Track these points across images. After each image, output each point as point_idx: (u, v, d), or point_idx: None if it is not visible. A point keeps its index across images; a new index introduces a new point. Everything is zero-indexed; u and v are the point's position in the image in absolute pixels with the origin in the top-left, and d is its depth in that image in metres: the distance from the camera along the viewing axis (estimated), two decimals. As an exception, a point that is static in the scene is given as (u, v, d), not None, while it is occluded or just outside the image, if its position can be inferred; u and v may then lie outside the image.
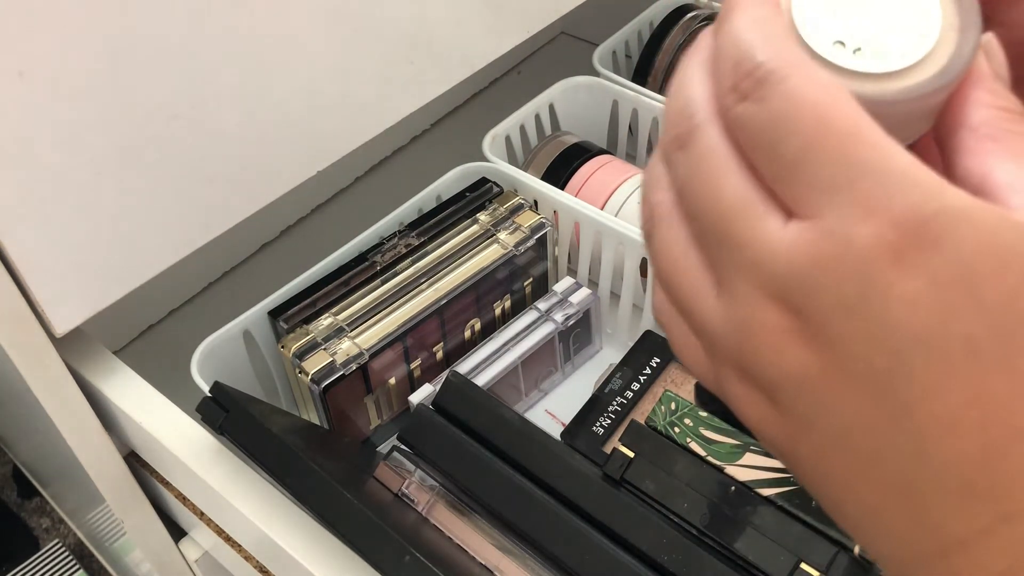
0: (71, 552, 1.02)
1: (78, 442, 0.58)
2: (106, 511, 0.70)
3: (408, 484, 0.50)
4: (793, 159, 0.18)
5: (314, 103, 0.59)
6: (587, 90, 0.82)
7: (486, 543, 0.48)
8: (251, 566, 0.58)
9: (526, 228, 0.68)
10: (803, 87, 0.18)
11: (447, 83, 0.68)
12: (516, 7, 0.70)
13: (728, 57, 0.20)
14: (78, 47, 0.47)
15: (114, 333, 0.78)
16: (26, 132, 0.47)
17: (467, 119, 0.99)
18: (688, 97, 0.21)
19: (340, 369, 0.60)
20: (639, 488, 0.48)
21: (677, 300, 0.22)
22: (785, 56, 0.19)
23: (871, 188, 0.17)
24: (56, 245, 0.50)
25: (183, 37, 0.51)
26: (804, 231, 0.18)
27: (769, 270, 0.19)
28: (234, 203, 0.58)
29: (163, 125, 0.52)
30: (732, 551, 0.45)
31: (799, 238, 0.18)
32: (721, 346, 0.21)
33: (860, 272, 0.17)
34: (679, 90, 0.21)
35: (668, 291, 0.22)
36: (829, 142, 0.18)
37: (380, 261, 0.66)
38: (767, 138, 0.19)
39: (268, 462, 0.48)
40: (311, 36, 0.57)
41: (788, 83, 0.18)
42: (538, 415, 0.70)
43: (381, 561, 0.44)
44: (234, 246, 0.86)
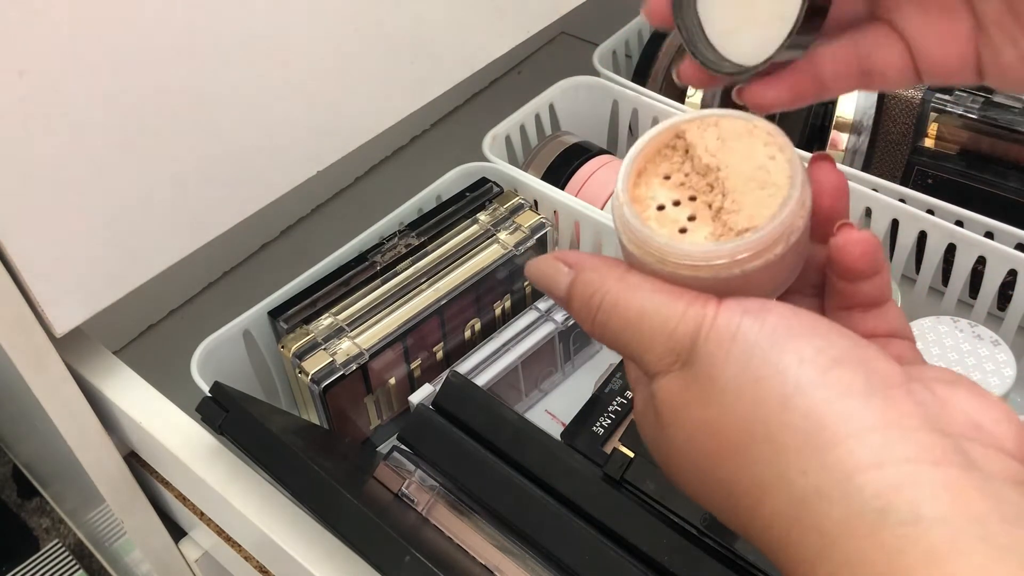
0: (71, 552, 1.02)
1: (78, 442, 0.58)
2: (106, 511, 0.70)
3: (408, 484, 0.50)
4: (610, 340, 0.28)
5: (314, 103, 0.59)
6: (587, 90, 0.82)
7: (486, 543, 0.48)
8: (251, 566, 0.58)
9: (526, 228, 0.68)
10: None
11: (447, 83, 0.68)
12: (516, 7, 0.70)
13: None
14: (78, 47, 0.47)
15: (114, 333, 0.78)
16: (26, 132, 0.46)
17: (467, 119, 0.99)
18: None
19: (340, 369, 0.60)
20: (639, 488, 0.48)
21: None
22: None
23: (645, 354, 0.27)
24: (56, 245, 0.50)
25: (183, 37, 0.51)
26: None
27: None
28: (234, 203, 0.58)
29: (163, 125, 0.52)
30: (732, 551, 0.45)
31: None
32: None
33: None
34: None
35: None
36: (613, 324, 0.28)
37: (380, 261, 0.66)
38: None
39: (268, 462, 0.48)
40: (311, 36, 0.57)
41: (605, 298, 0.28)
42: (538, 415, 0.70)
43: (381, 561, 0.44)
44: (234, 246, 0.86)
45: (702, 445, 0.25)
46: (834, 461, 0.23)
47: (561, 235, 0.72)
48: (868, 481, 0.22)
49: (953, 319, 0.65)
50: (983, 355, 0.62)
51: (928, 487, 0.22)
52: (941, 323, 0.64)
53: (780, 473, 0.23)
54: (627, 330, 0.27)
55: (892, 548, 0.21)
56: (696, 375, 0.25)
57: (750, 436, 0.24)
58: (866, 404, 0.23)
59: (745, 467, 0.24)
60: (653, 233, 0.27)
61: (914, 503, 0.21)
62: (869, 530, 0.21)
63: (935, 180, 0.72)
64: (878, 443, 0.22)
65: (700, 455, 0.26)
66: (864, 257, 0.27)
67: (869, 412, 0.23)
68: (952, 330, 0.64)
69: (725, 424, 0.25)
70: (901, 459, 0.22)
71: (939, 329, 0.64)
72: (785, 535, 0.23)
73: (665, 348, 0.26)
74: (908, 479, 0.22)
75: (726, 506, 0.26)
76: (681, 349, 0.26)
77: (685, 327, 0.26)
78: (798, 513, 0.23)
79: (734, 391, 0.24)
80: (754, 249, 0.26)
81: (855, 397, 0.23)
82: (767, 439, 0.24)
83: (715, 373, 0.25)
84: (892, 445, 0.22)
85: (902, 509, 0.21)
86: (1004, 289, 0.67)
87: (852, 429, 0.23)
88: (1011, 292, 0.66)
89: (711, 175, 0.28)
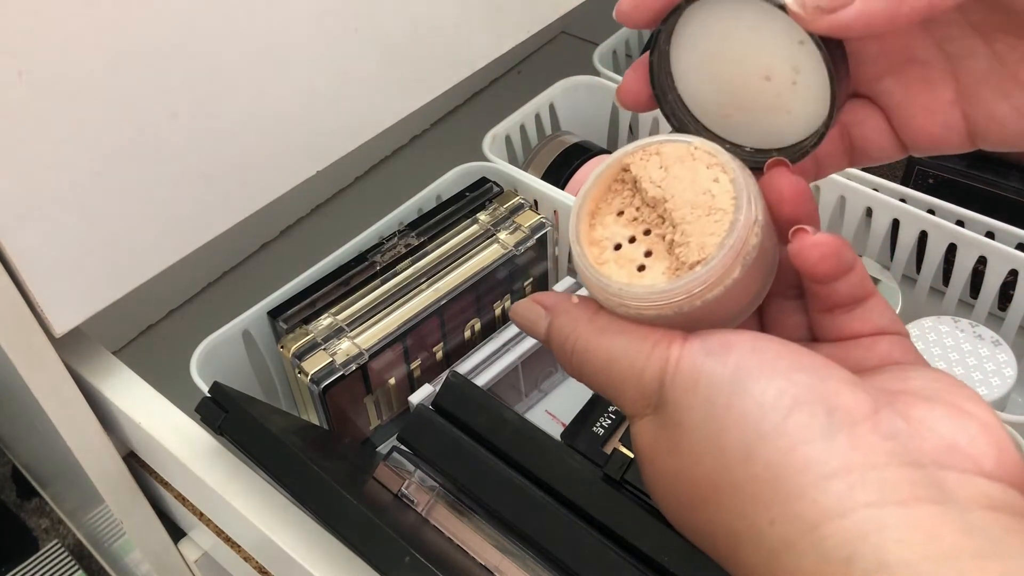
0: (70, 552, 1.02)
1: (77, 442, 0.58)
2: (105, 511, 0.70)
3: (408, 484, 0.50)
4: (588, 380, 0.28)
5: (314, 103, 0.59)
6: (587, 90, 0.82)
7: (486, 544, 0.48)
8: (251, 566, 0.58)
9: (526, 228, 0.68)
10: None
11: (447, 83, 0.68)
12: (516, 7, 0.70)
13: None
14: (78, 47, 0.47)
15: (114, 333, 0.78)
16: (26, 132, 0.46)
17: (467, 119, 0.99)
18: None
19: (340, 369, 0.60)
20: (639, 488, 0.48)
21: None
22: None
23: (620, 391, 0.27)
24: (56, 245, 0.50)
25: (183, 37, 0.50)
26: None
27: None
28: (234, 203, 0.58)
29: (163, 125, 0.52)
30: (732, 551, 0.45)
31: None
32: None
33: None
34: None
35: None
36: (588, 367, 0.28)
37: (380, 261, 0.66)
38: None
39: (267, 462, 0.48)
40: (311, 36, 0.57)
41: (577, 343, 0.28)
42: (538, 415, 0.70)
43: (381, 561, 0.43)
44: (234, 246, 0.86)
45: (677, 492, 0.26)
46: (799, 512, 0.23)
47: (561, 235, 0.72)
48: (833, 531, 0.22)
49: (954, 319, 0.65)
50: (984, 355, 0.62)
51: (894, 531, 0.21)
52: (942, 323, 0.64)
53: (750, 524, 0.24)
54: (599, 375, 0.27)
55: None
56: (665, 421, 0.26)
57: (718, 486, 0.24)
58: (828, 448, 0.23)
59: (717, 516, 0.25)
60: (608, 280, 0.27)
61: (879, 550, 0.21)
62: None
63: (936, 180, 0.72)
64: (841, 490, 0.22)
65: (677, 501, 0.26)
66: (824, 260, 0.27)
67: (831, 456, 0.23)
68: (953, 330, 0.64)
69: (695, 474, 0.25)
70: (864, 504, 0.22)
71: (940, 329, 0.64)
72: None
73: (636, 392, 0.26)
74: (872, 525, 0.22)
75: (709, 548, 0.26)
76: (650, 393, 0.26)
77: (651, 371, 0.26)
78: (770, 562, 0.23)
79: (700, 439, 0.25)
80: (708, 281, 0.26)
81: (816, 442, 0.23)
82: (734, 490, 0.24)
83: (681, 419, 0.25)
84: (854, 491, 0.22)
85: (867, 557, 0.21)
86: (1005, 289, 0.67)
87: (813, 478, 0.23)
88: (1012, 292, 0.66)
89: (660, 207, 0.28)
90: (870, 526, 0.22)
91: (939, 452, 0.23)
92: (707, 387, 0.25)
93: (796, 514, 0.23)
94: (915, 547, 0.21)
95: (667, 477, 0.26)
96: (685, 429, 0.25)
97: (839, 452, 0.23)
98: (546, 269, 0.72)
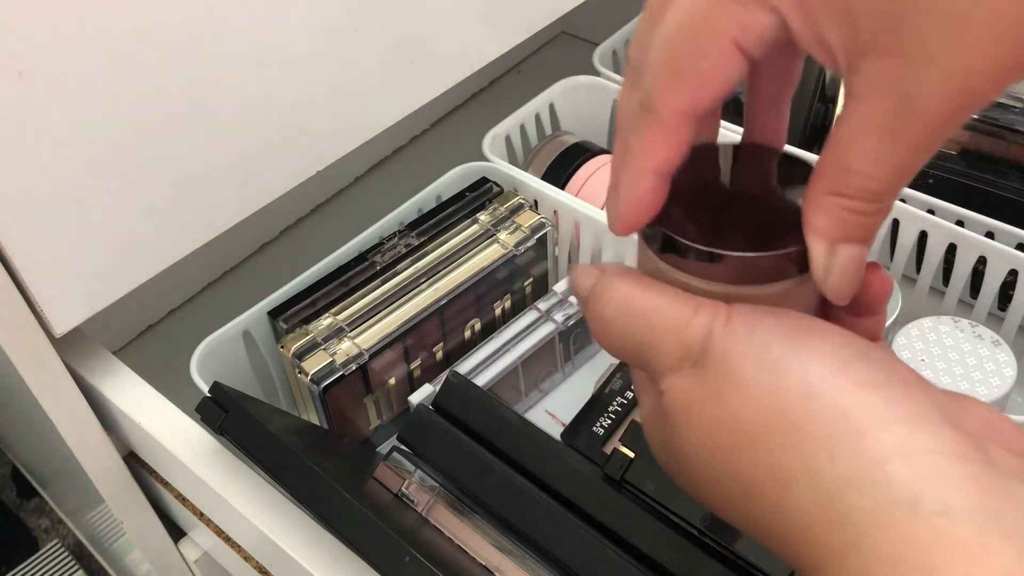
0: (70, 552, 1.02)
1: (77, 442, 0.58)
2: (105, 511, 0.70)
3: (408, 484, 0.50)
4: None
5: (314, 103, 0.59)
6: (587, 90, 0.82)
7: (486, 543, 0.48)
8: (251, 566, 0.58)
9: (526, 228, 0.68)
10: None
11: (447, 83, 0.68)
12: (516, 7, 0.70)
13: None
14: (78, 47, 0.47)
15: (114, 333, 0.78)
16: (26, 132, 0.46)
17: (467, 119, 0.99)
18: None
19: (340, 369, 0.60)
20: (639, 488, 0.48)
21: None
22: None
23: (657, 353, 0.27)
24: (56, 245, 0.50)
25: (183, 37, 0.50)
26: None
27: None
28: (234, 203, 0.58)
29: (163, 125, 0.52)
30: (732, 551, 0.45)
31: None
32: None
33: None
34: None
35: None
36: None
37: (380, 261, 0.66)
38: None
39: (268, 462, 0.48)
40: (311, 36, 0.57)
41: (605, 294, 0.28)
42: (538, 415, 0.70)
43: (381, 561, 0.44)
44: (234, 246, 0.86)
45: (718, 439, 0.25)
46: (863, 448, 0.22)
47: (561, 235, 0.72)
48: (897, 469, 0.22)
49: (954, 319, 0.65)
50: (984, 355, 0.62)
51: (955, 479, 0.22)
52: (941, 323, 0.64)
53: (806, 462, 0.23)
54: (635, 327, 0.27)
55: (923, 542, 0.21)
56: (711, 371, 0.25)
57: (771, 427, 0.24)
58: (889, 397, 0.23)
59: (765, 458, 0.24)
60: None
61: (944, 494, 0.21)
62: (900, 522, 0.21)
63: (936, 180, 0.72)
64: (905, 433, 0.22)
65: (715, 450, 0.25)
66: (883, 293, 0.28)
67: (893, 405, 0.23)
68: (953, 330, 0.64)
69: (744, 416, 0.24)
70: (927, 450, 0.22)
71: (939, 329, 0.64)
72: (809, 528, 0.23)
73: (675, 345, 0.26)
74: (936, 470, 0.22)
75: (742, 503, 0.25)
76: (692, 345, 0.26)
77: (697, 324, 0.26)
78: (825, 504, 0.23)
79: (754, 383, 0.24)
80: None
81: (878, 390, 0.23)
82: (791, 428, 0.24)
83: (732, 366, 0.25)
84: (917, 436, 0.22)
85: (933, 499, 0.21)
86: (1005, 289, 0.67)
87: (878, 419, 0.23)
88: (1012, 292, 0.66)
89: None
90: (934, 470, 0.22)
91: (980, 426, 0.24)
92: (763, 334, 0.25)
93: (859, 450, 0.22)
94: (973, 497, 0.21)
95: (704, 425, 0.25)
96: (735, 375, 0.25)
97: (899, 401, 0.23)
98: (546, 269, 0.72)
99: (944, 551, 0.21)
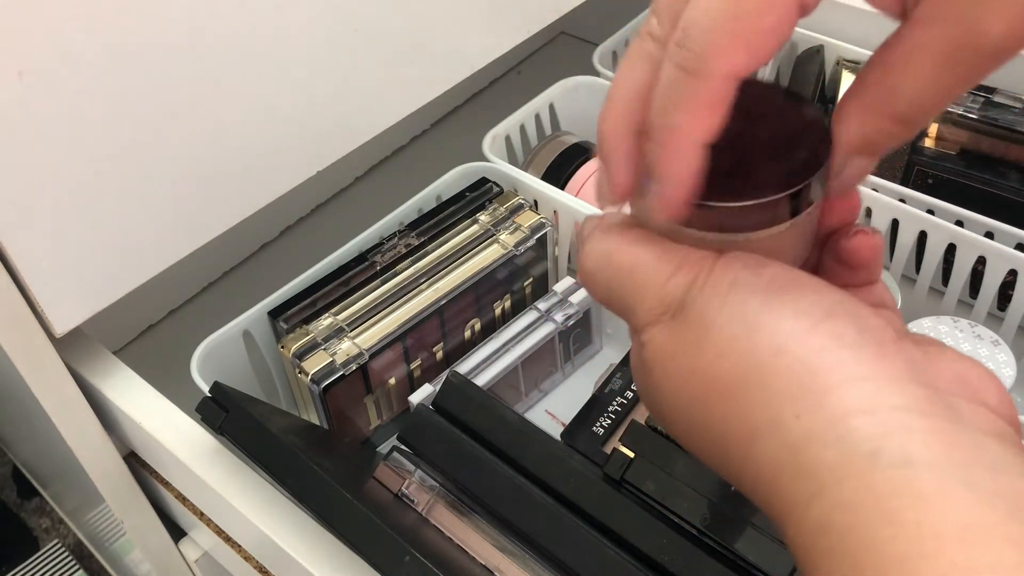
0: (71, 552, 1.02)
1: (78, 442, 0.58)
2: (106, 511, 0.70)
3: (408, 484, 0.50)
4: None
5: (314, 103, 0.59)
6: (587, 90, 0.82)
7: (486, 543, 0.48)
8: (251, 566, 0.58)
9: (526, 228, 0.68)
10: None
11: (447, 83, 0.68)
12: (516, 7, 0.70)
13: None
14: (78, 47, 0.47)
15: (114, 333, 0.78)
16: (26, 132, 0.46)
17: (467, 119, 0.99)
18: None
19: (340, 369, 0.60)
20: (639, 488, 0.48)
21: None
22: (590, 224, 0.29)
23: (637, 302, 0.27)
24: (56, 245, 0.50)
25: (183, 37, 0.51)
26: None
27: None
28: (234, 203, 0.58)
29: (163, 125, 0.52)
30: (732, 551, 0.45)
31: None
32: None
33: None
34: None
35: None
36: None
37: (380, 261, 0.66)
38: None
39: (268, 462, 0.48)
40: (311, 36, 0.57)
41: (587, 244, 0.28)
42: (538, 415, 0.70)
43: (381, 561, 0.44)
44: (234, 246, 0.86)
45: (693, 391, 0.26)
46: (826, 405, 0.23)
47: (561, 235, 0.72)
48: (860, 425, 0.22)
49: (953, 319, 0.65)
50: (983, 355, 0.62)
51: (918, 434, 0.22)
52: (941, 323, 0.64)
53: (773, 417, 0.24)
54: (618, 279, 0.27)
55: (882, 491, 0.22)
56: (688, 324, 0.26)
57: (743, 382, 0.24)
58: (858, 355, 0.24)
59: (736, 411, 0.25)
60: None
61: (905, 447, 0.22)
62: (860, 472, 0.22)
63: (935, 180, 0.72)
64: (870, 391, 0.23)
65: (691, 401, 0.26)
66: (873, 254, 0.28)
67: (861, 363, 0.24)
68: (952, 330, 0.64)
69: (717, 370, 0.25)
70: (891, 407, 0.23)
71: (939, 329, 0.64)
72: (776, 479, 0.24)
73: (656, 299, 0.26)
74: (899, 425, 0.22)
75: (716, 453, 0.26)
76: (672, 301, 0.26)
77: (679, 279, 0.26)
78: (790, 457, 0.23)
79: (728, 338, 0.25)
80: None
81: (847, 348, 0.24)
82: (760, 385, 0.24)
83: (708, 322, 0.25)
84: (883, 394, 0.23)
85: (893, 452, 0.22)
86: (1004, 289, 0.67)
87: (844, 377, 0.23)
88: (1011, 292, 0.66)
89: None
90: (896, 425, 0.22)
91: (952, 381, 0.25)
92: (741, 291, 0.25)
93: (823, 407, 0.23)
94: (937, 451, 0.22)
95: (680, 376, 0.26)
96: (711, 329, 0.25)
97: (867, 360, 0.24)
98: (546, 269, 0.72)
99: (903, 499, 0.21)
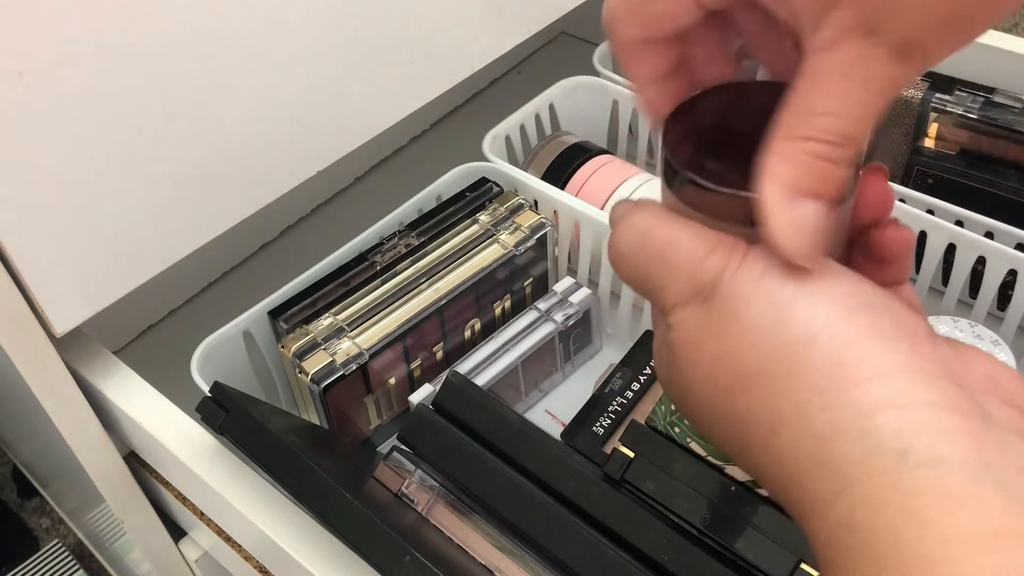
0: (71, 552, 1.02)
1: (78, 442, 0.58)
2: (106, 511, 0.70)
3: (408, 484, 0.50)
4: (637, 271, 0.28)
5: (314, 103, 0.59)
6: (587, 90, 0.82)
7: (486, 543, 0.48)
8: (251, 566, 0.58)
9: (526, 228, 0.68)
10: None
11: (447, 83, 0.68)
12: (516, 7, 0.70)
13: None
14: (78, 47, 0.47)
15: (114, 333, 0.78)
16: (26, 132, 0.47)
17: (467, 119, 0.99)
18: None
19: (340, 369, 0.60)
20: (639, 488, 0.48)
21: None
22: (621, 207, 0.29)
23: (673, 281, 0.27)
24: (56, 245, 0.50)
25: (183, 37, 0.51)
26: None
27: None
28: (234, 203, 0.58)
29: (163, 125, 0.52)
30: (732, 551, 0.45)
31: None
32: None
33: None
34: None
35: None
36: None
37: (380, 261, 0.66)
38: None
39: (268, 462, 0.48)
40: (311, 36, 0.57)
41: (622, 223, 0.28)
42: (538, 415, 0.70)
43: (381, 561, 0.44)
44: (234, 246, 0.86)
45: (718, 379, 0.25)
46: (854, 399, 0.23)
47: (561, 235, 0.73)
48: (888, 420, 0.22)
49: (953, 319, 0.65)
50: (983, 355, 0.62)
51: (948, 432, 0.22)
52: (941, 323, 0.64)
53: (798, 409, 0.23)
54: (651, 259, 0.27)
55: (909, 490, 0.21)
56: (717, 310, 0.25)
57: (769, 371, 0.24)
58: (890, 347, 0.23)
59: (761, 401, 0.24)
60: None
61: (934, 445, 0.21)
62: (887, 470, 0.22)
63: (935, 180, 0.72)
64: (901, 385, 0.23)
65: (715, 389, 0.26)
66: (903, 247, 0.28)
67: (893, 355, 0.23)
68: (952, 330, 0.64)
69: (744, 358, 0.25)
70: (922, 402, 0.22)
71: (939, 329, 0.64)
72: (799, 473, 0.23)
73: (688, 281, 0.26)
74: (928, 422, 0.22)
75: (737, 441, 0.26)
76: (703, 284, 0.26)
77: (713, 262, 0.26)
78: (815, 451, 0.23)
79: (757, 327, 0.25)
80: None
81: (880, 339, 0.24)
82: (788, 375, 0.24)
83: (738, 309, 0.25)
84: (914, 388, 0.23)
85: (922, 451, 0.21)
86: (1004, 289, 0.67)
87: (875, 370, 0.23)
88: (1011, 292, 0.66)
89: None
90: (927, 422, 0.22)
91: (982, 381, 0.25)
92: (773, 279, 0.25)
93: (851, 401, 0.23)
94: (967, 450, 0.22)
95: (707, 363, 0.26)
96: (740, 317, 0.25)
97: (901, 353, 0.23)
98: (546, 269, 0.72)
99: (930, 499, 0.21)
